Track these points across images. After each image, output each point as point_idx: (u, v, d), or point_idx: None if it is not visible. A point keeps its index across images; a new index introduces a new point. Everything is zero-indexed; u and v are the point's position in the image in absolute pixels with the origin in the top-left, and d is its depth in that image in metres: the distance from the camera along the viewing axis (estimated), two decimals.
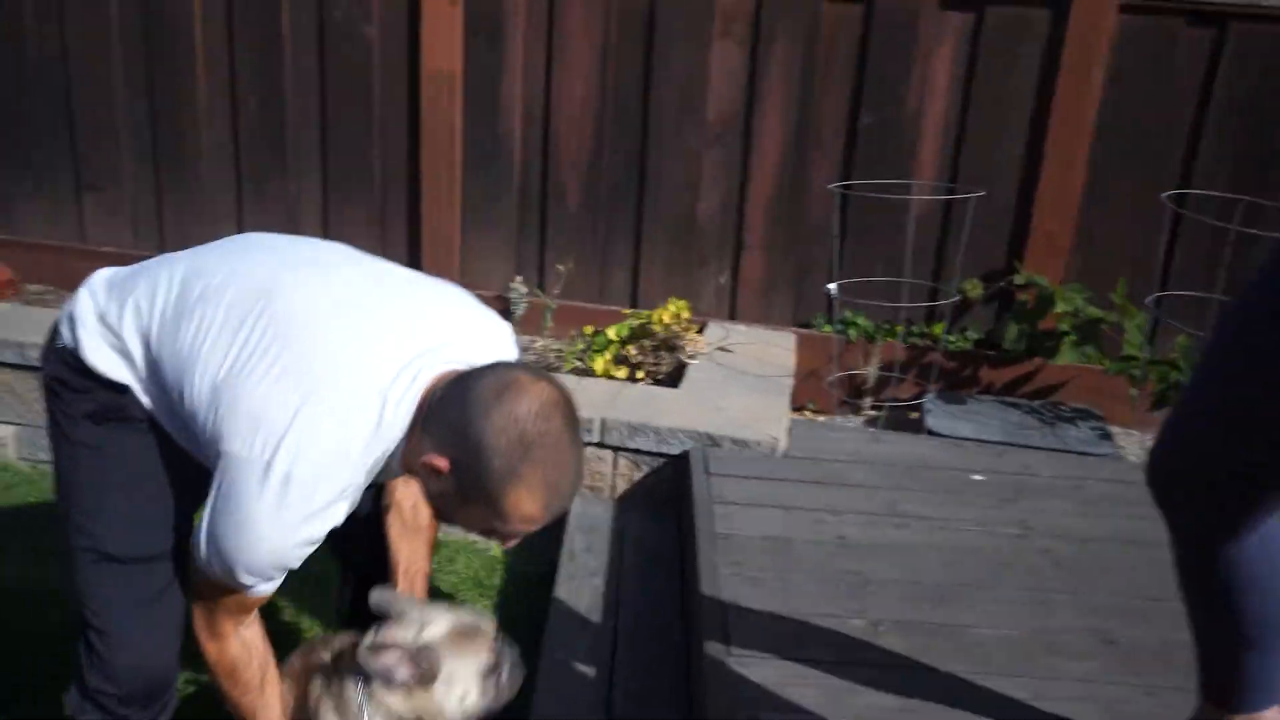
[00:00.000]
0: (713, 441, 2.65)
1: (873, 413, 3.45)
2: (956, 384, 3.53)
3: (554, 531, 2.72)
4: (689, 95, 3.53)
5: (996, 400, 3.41)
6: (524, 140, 3.67)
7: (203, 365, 1.39)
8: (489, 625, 1.55)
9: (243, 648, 1.50)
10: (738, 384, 3.04)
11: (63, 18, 3.86)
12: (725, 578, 2.07)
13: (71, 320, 1.54)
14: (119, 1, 3.81)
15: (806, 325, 3.65)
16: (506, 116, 3.65)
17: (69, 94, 3.94)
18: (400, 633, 1.49)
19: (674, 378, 3.17)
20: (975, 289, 3.49)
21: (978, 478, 2.67)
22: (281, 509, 1.32)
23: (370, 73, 3.70)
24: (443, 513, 1.46)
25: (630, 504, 2.74)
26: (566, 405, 1.35)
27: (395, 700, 1.48)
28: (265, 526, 1.33)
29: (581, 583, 2.38)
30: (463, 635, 1.51)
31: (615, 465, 2.74)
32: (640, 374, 3.22)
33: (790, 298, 3.66)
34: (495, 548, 2.80)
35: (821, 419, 3.49)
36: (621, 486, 2.75)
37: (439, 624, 1.51)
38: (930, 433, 3.12)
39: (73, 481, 1.57)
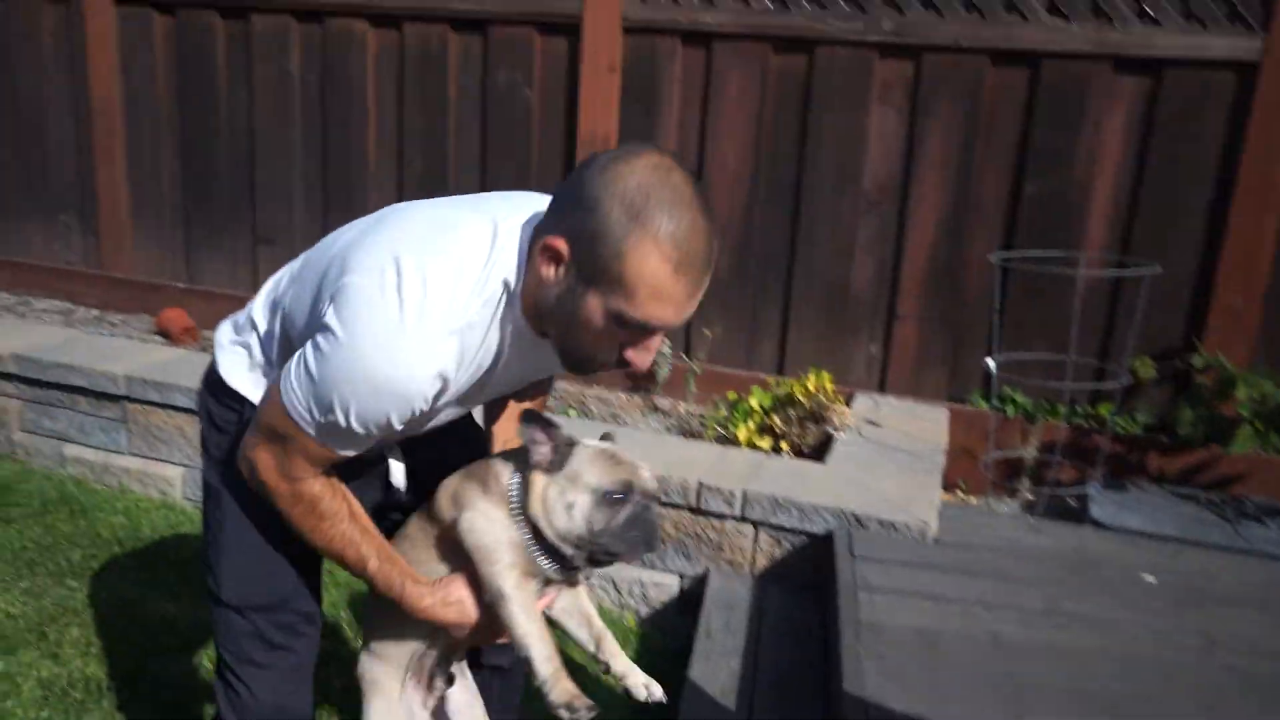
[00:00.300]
0: (859, 522, 2.55)
1: (1030, 497, 3.26)
2: (1124, 470, 3.30)
3: (691, 606, 2.66)
4: (844, 163, 3.48)
5: (1169, 490, 3.17)
6: None
7: (323, 254, 1.44)
8: (646, 473, 1.47)
9: (324, 485, 1.43)
10: (887, 460, 2.93)
11: (251, 84, 4.15)
12: (869, 672, 1.96)
13: (214, 347, 1.62)
14: (302, 70, 4.06)
15: (960, 400, 3.50)
16: None
17: (252, 155, 4.21)
18: (560, 431, 1.46)
19: (820, 450, 3.08)
20: (1147, 369, 3.27)
21: (1149, 578, 2.46)
22: (401, 328, 1.25)
23: (529, 134, 3.81)
24: (565, 334, 1.32)
25: (770, 581, 2.65)
26: (685, 170, 1.27)
27: (537, 483, 1.45)
28: (383, 351, 1.25)
29: (717, 662, 2.31)
30: (608, 458, 1.46)
31: (756, 540, 2.66)
32: (784, 445, 3.15)
33: (944, 371, 3.52)
34: (629, 618, 2.76)
35: (974, 500, 3.32)
36: (762, 563, 2.67)
37: (596, 441, 1.50)
38: (1094, 523, 2.91)
39: (206, 523, 1.62)
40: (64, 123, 4.50)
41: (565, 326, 1.31)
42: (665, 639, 2.69)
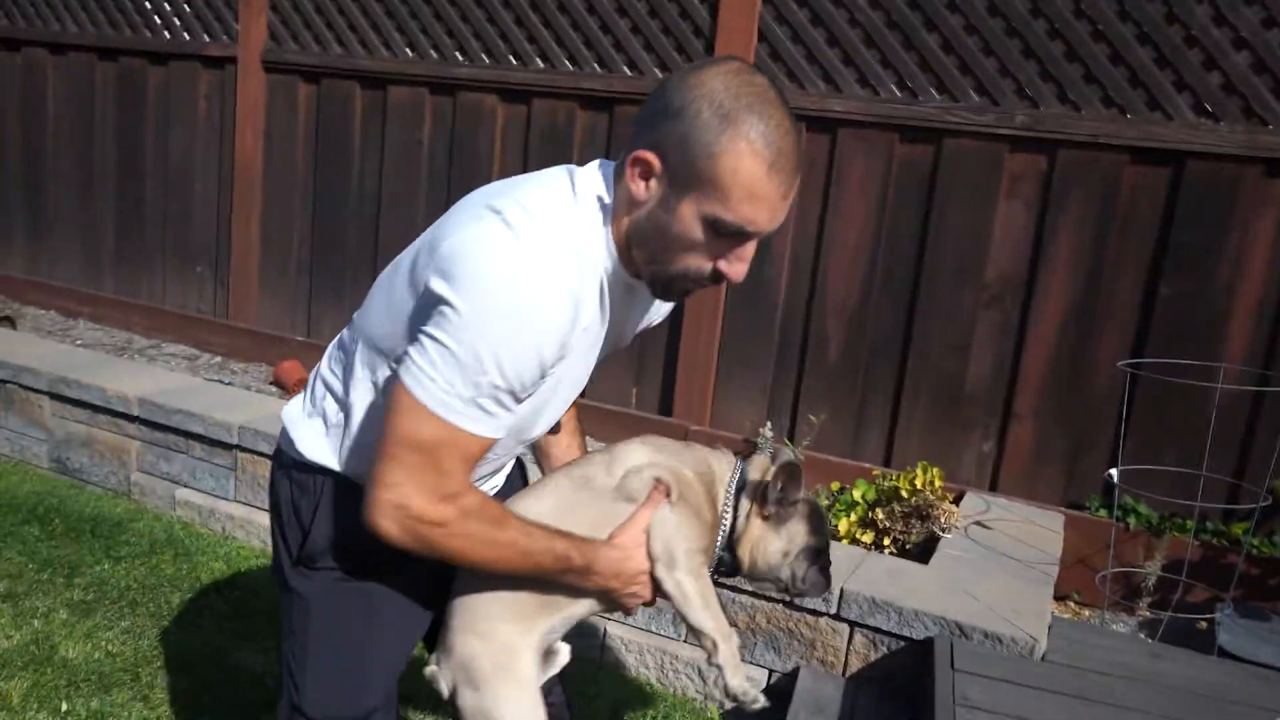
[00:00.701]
0: (961, 632, 2.41)
1: (1150, 615, 3.04)
2: (1259, 596, 3.05)
3: (778, 703, 2.55)
4: (967, 254, 3.38)
5: None
6: (789, 285, 3.64)
7: (391, 271, 1.44)
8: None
9: (481, 494, 1.35)
10: (995, 566, 2.77)
11: (383, 151, 4.31)
12: None
13: (285, 429, 1.55)
14: (431, 140, 4.20)
15: (1078, 507, 3.31)
16: (774, 261, 3.64)
17: (377, 219, 4.37)
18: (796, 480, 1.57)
19: (924, 550, 2.94)
20: None
21: None
22: (522, 252, 1.23)
23: None
24: (657, 253, 1.30)
25: (863, 685, 2.52)
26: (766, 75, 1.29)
27: (755, 528, 1.55)
28: (512, 280, 1.21)
29: None
30: (819, 518, 1.61)
31: (851, 641, 2.54)
32: (887, 541, 3.02)
33: (1061, 475, 3.34)
34: (713, 709, 2.66)
35: (1087, 613, 3.11)
36: (855, 664, 2.55)
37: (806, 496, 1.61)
38: (1222, 652, 2.69)
39: (289, 630, 1.52)
40: (209, 179, 4.76)
41: (658, 244, 1.29)
42: None
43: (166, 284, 4.96)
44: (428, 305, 1.26)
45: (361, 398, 1.43)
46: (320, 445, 1.48)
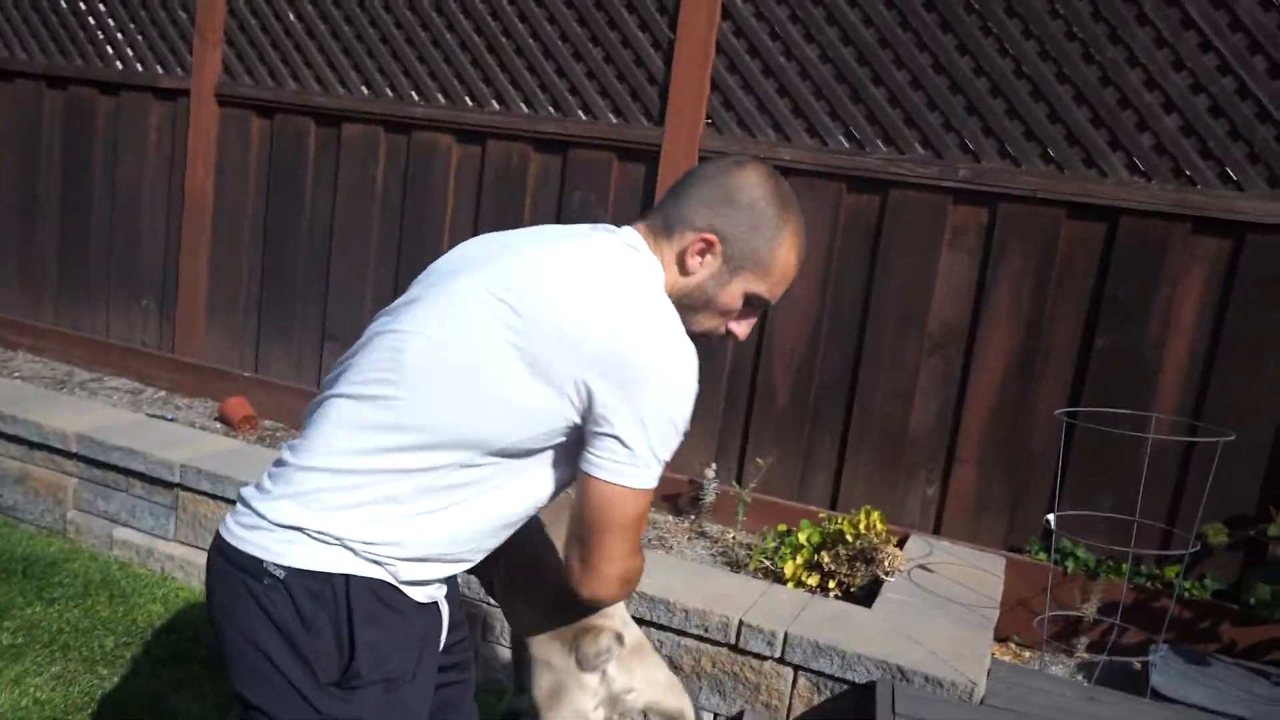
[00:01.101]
0: (903, 675, 2.44)
1: (1087, 657, 3.11)
2: (1190, 638, 3.13)
3: None
4: (911, 303, 3.46)
5: (1238, 664, 2.99)
6: None
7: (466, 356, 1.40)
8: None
9: None
10: (937, 610, 2.82)
11: (336, 188, 4.31)
12: None
13: (259, 538, 1.39)
14: (385, 177, 4.21)
15: (1018, 549, 3.38)
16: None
17: (329, 254, 4.35)
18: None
19: (869, 593, 2.98)
20: (1219, 535, 3.12)
21: None
22: (662, 318, 1.38)
23: None
24: (694, 315, 1.48)
25: None
26: None
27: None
28: (667, 346, 1.36)
29: None
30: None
31: (795, 685, 2.56)
32: (832, 584, 3.06)
33: (1002, 518, 3.41)
34: None
35: (1027, 655, 3.17)
36: (798, 708, 2.57)
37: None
38: (1155, 693, 2.75)
39: None
40: (157, 211, 4.71)
41: (699, 309, 1.48)
42: None
43: (110, 316, 4.88)
44: (606, 407, 1.34)
45: (417, 488, 1.38)
46: (336, 558, 1.37)
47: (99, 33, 4.74)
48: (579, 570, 1.42)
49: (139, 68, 4.67)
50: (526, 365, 1.33)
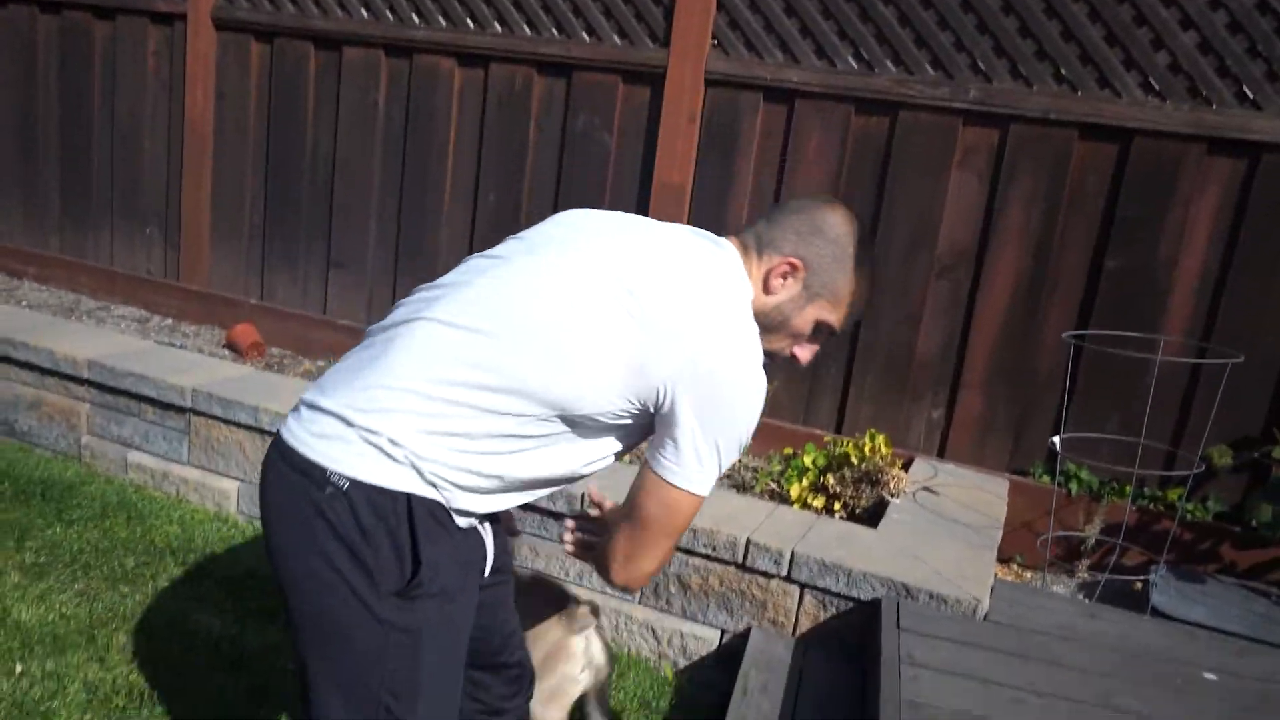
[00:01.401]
0: (908, 593, 2.48)
1: (1088, 577, 3.15)
2: (1191, 559, 3.18)
3: (730, 662, 2.62)
4: (919, 227, 3.44)
5: (1238, 584, 3.04)
6: None
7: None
8: None
9: None
10: (941, 530, 2.86)
11: (337, 114, 4.26)
12: None
13: (328, 447, 1.43)
14: (387, 103, 4.16)
15: (1022, 472, 3.41)
16: (731, 232, 3.66)
17: (331, 182, 4.32)
18: None
19: (873, 514, 3.02)
20: (1223, 457, 3.15)
21: (1210, 676, 2.35)
22: (753, 349, 1.46)
23: (604, 178, 3.84)
24: (768, 335, 1.55)
25: (812, 644, 2.59)
26: None
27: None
28: (755, 376, 1.44)
29: None
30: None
31: (801, 602, 2.61)
32: (837, 506, 3.09)
33: (1007, 441, 3.43)
34: (666, 668, 2.72)
35: (1029, 575, 3.22)
36: (805, 625, 2.61)
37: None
38: (1155, 612, 2.80)
39: (380, 663, 1.44)
40: (158, 139, 4.67)
41: (773, 329, 1.57)
42: (700, 693, 2.64)
43: (115, 245, 4.87)
44: (684, 413, 1.42)
45: (490, 430, 1.44)
46: (401, 476, 1.42)
47: None
48: (620, 560, 1.54)
49: None
50: (638, 358, 1.42)
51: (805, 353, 1.63)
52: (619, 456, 1.59)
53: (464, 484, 1.45)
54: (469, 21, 3.97)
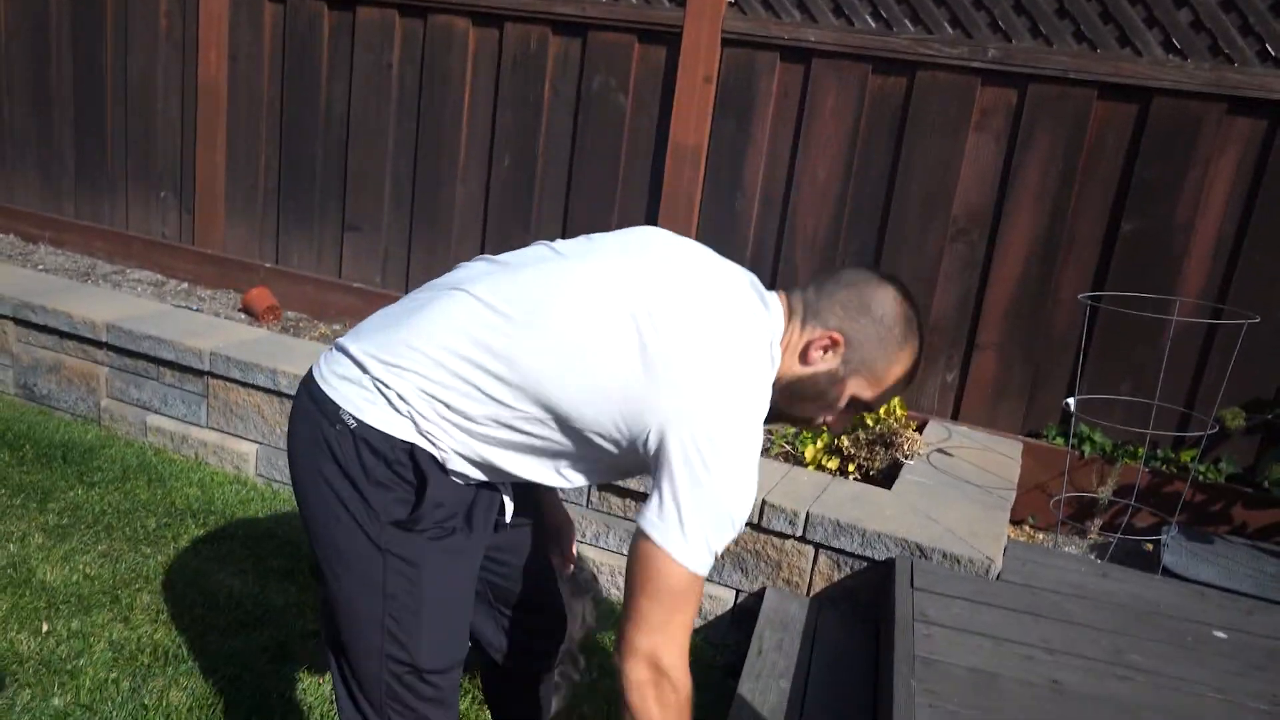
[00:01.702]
0: (921, 553, 2.50)
1: (1100, 538, 3.17)
2: (1202, 520, 3.19)
3: (744, 622, 2.65)
4: (936, 187, 3.42)
5: (1249, 545, 3.05)
6: (760, 218, 3.67)
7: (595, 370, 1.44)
8: None
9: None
10: (955, 491, 2.87)
11: (351, 75, 4.24)
12: (921, 708, 1.92)
13: (346, 390, 1.51)
14: (401, 64, 4.14)
15: (1036, 435, 3.41)
16: (746, 193, 3.66)
17: (346, 144, 4.31)
18: None
19: (888, 476, 3.04)
20: (1236, 419, 3.15)
21: (1220, 634, 2.38)
22: (755, 427, 1.42)
23: (620, 140, 3.83)
24: (801, 404, 1.56)
25: (826, 604, 2.62)
26: None
27: None
28: (752, 453, 1.40)
29: (767, 682, 2.29)
30: None
31: (816, 562, 2.63)
32: (851, 467, 3.11)
33: (1020, 404, 3.44)
34: None
35: (1041, 536, 3.24)
36: (819, 585, 2.64)
37: None
38: (1166, 572, 2.82)
39: (387, 594, 1.52)
40: (171, 102, 4.66)
41: (808, 400, 1.56)
42: (715, 652, 2.67)
43: (129, 208, 4.88)
44: (674, 462, 1.38)
45: (484, 415, 1.47)
46: (403, 428, 1.48)
47: None
48: (620, 635, 1.43)
49: None
50: (636, 391, 1.41)
51: (839, 424, 1.61)
52: (598, 481, 1.63)
53: (460, 452, 1.50)
54: None
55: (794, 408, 1.56)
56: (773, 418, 1.52)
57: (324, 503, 1.51)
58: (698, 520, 1.37)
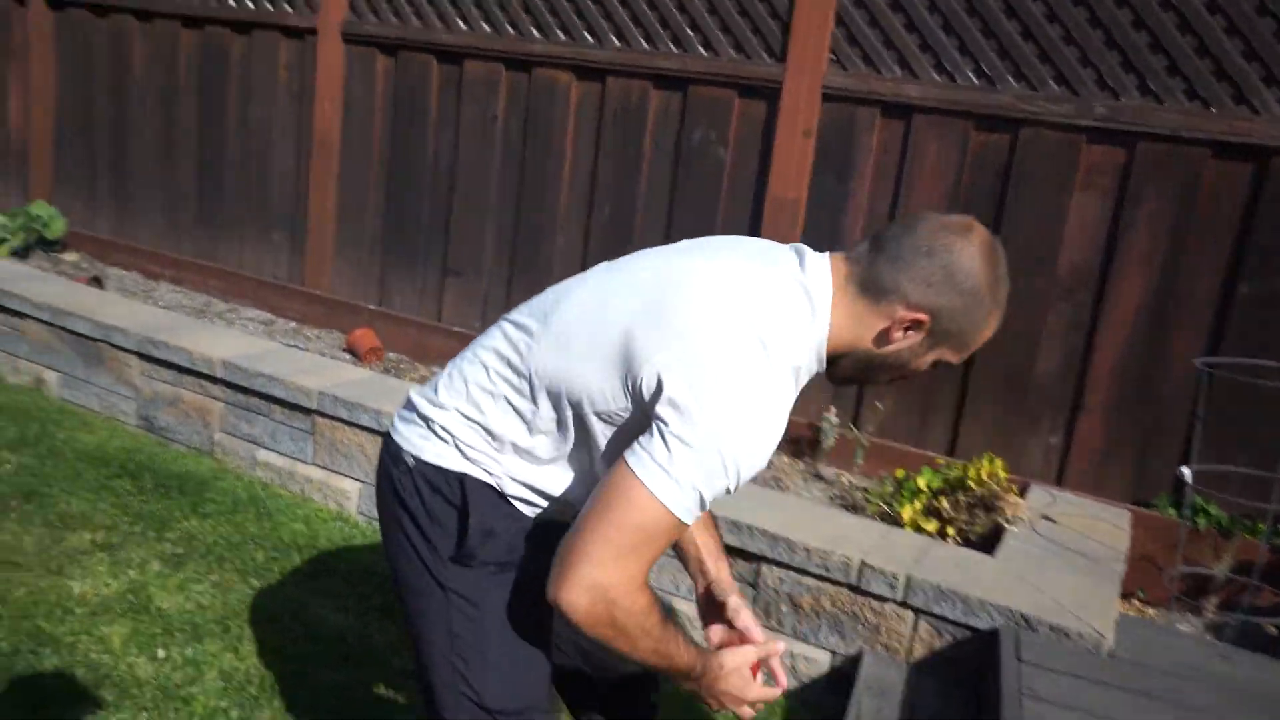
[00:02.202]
0: (1028, 624, 2.44)
1: (1216, 617, 3.04)
2: None
3: (840, 686, 2.61)
4: (1039, 246, 3.37)
5: None
6: None
7: (591, 323, 1.44)
8: None
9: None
10: (1061, 560, 2.79)
11: (457, 126, 4.38)
12: None
13: (406, 431, 1.57)
14: (506, 115, 4.26)
15: (1146, 504, 3.30)
16: (845, 248, 3.65)
17: (450, 192, 4.44)
18: None
19: (988, 541, 2.97)
20: None
21: None
22: (768, 371, 1.33)
23: (718, 192, 3.86)
24: (876, 373, 1.49)
25: (926, 672, 2.57)
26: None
27: None
28: (759, 395, 1.31)
29: None
30: None
31: (916, 628, 2.58)
32: (951, 531, 3.05)
33: (1129, 471, 3.33)
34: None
35: (1152, 612, 3.12)
36: (920, 652, 2.59)
37: None
38: None
39: (451, 633, 1.53)
40: (286, 150, 4.86)
41: (888, 369, 1.48)
42: (810, 715, 2.64)
43: (244, 249, 5.09)
44: (667, 401, 1.31)
45: (517, 429, 1.49)
46: (453, 458, 1.53)
47: None
48: (556, 561, 1.33)
49: (269, 6, 4.79)
50: (637, 344, 1.37)
51: (919, 378, 1.55)
52: None
53: (513, 476, 1.52)
54: (588, 35, 4.04)
55: (871, 376, 1.51)
56: (841, 381, 1.51)
57: (398, 544, 1.57)
58: (688, 460, 1.28)
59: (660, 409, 1.31)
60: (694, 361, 1.32)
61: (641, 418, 1.37)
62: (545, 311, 1.51)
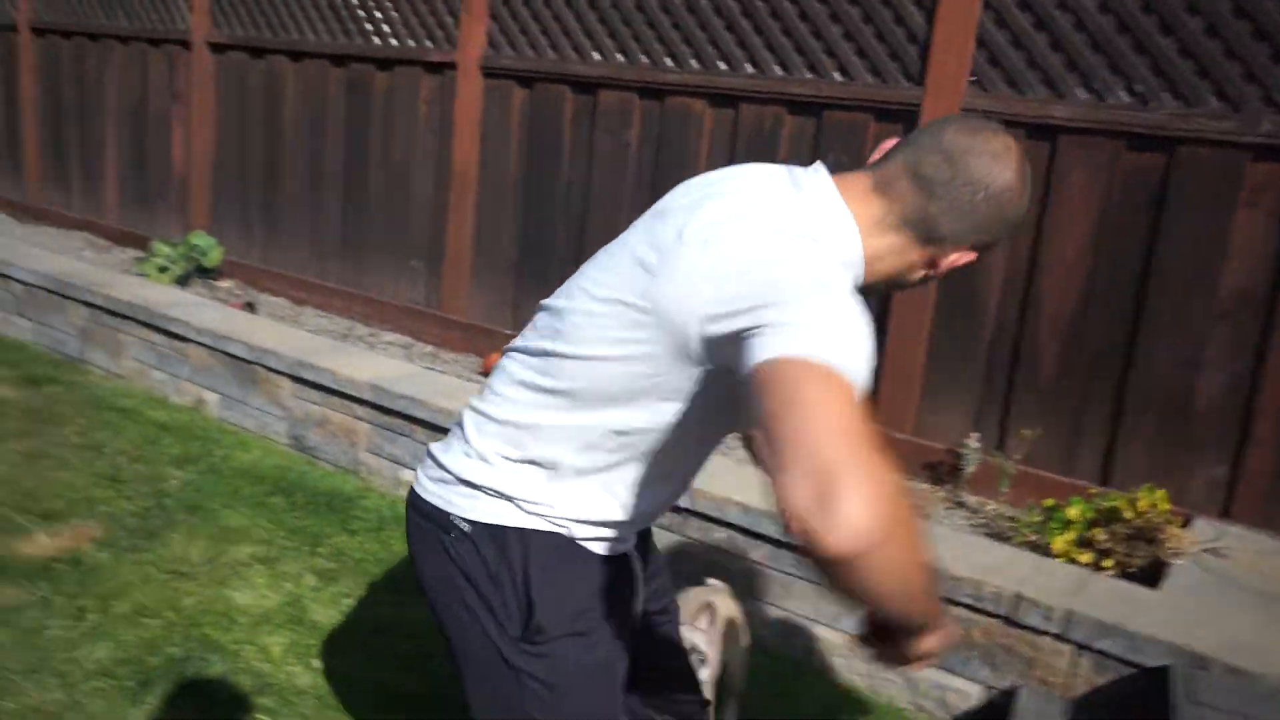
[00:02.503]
0: (1201, 663, 2.31)
1: None
2: None
3: None
4: (1197, 267, 3.23)
5: None
6: (1002, 298, 3.56)
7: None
8: None
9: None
10: (1232, 598, 2.65)
11: (591, 154, 4.46)
12: None
13: (447, 497, 1.43)
14: (639, 143, 4.32)
15: None
16: (986, 273, 3.57)
17: (584, 219, 4.52)
18: None
19: (1148, 575, 2.84)
20: None
21: None
22: (828, 258, 1.27)
23: None
24: (909, 278, 1.45)
25: (1087, 710, 2.46)
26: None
27: None
28: (831, 271, 1.24)
29: None
30: None
31: (1075, 663, 2.48)
32: (1107, 563, 2.92)
33: None
34: None
35: None
36: (1079, 687, 2.48)
37: None
38: None
39: (518, 706, 1.41)
40: (425, 180, 5.04)
41: (919, 285, 1.48)
42: None
43: (384, 276, 5.28)
44: (758, 326, 1.13)
45: (577, 450, 1.37)
46: (504, 510, 1.40)
47: (376, 13, 5.09)
48: (787, 509, 0.96)
49: (411, 43, 4.99)
50: (665, 317, 1.29)
51: (939, 272, 1.46)
52: (721, 437, 1.44)
53: (573, 515, 1.39)
54: (720, 63, 4.07)
55: (901, 282, 1.46)
56: (874, 295, 1.45)
57: (456, 618, 1.42)
58: (825, 328, 1.09)
59: (760, 336, 1.12)
60: (767, 287, 1.17)
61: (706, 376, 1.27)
62: (561, 299, 1.47)
